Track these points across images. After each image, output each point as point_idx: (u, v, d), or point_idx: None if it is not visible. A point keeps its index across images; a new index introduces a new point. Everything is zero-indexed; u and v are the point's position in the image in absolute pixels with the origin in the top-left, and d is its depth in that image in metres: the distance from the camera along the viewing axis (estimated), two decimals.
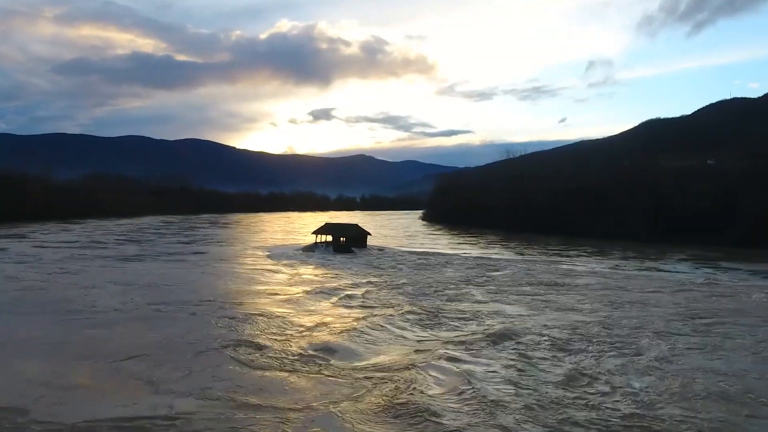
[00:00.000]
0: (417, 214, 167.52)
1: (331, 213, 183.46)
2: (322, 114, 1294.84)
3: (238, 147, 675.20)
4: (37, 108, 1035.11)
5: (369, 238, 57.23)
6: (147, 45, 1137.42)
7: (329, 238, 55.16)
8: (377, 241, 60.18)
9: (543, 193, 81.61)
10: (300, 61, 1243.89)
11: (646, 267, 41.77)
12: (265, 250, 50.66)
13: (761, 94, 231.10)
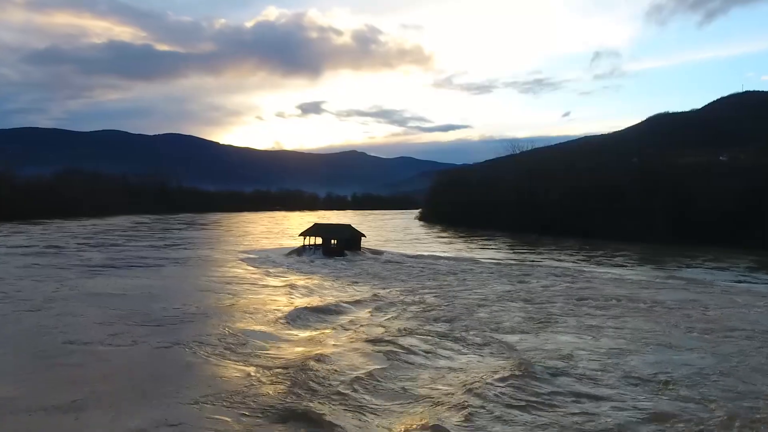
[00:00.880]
0: (413, 213, 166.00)
1: (321, 213, 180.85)
2: (311, 107, 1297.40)
3: (221, 142, 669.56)
4: (6, 100, 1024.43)
5: (363, 240, 54.06)
6: (124, 33, 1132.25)
7: (319, 240, 52.24)
8: (372, 244, 57.10)
9: (555, 191, 78.78)
10: (288, 52, 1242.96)
11: (709, 276, 37.78)
12: (246, 254, 47.17)
13: None
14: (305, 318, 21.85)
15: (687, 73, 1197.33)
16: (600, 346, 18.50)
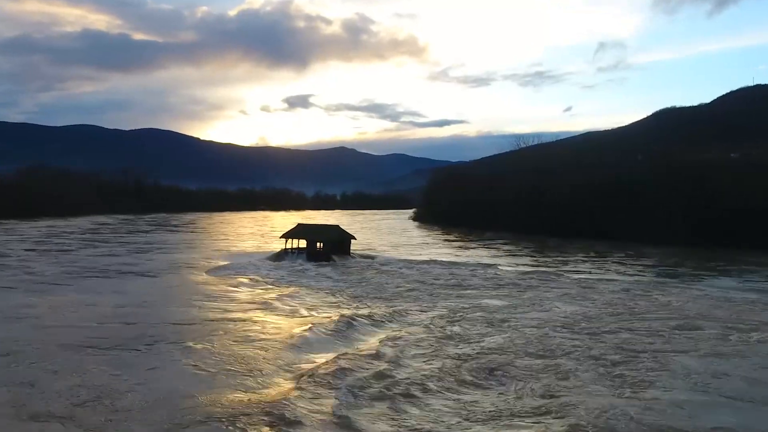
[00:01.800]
0: (406, 213, 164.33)
1: (308, 212, 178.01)
2: (298, 101, 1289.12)
3: (202, 138, 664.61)
4: None
5: (353, 242, 50.54)
6: (99, 21, 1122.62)
7: (303, 242, 48.83)
8: (363, 247, 53.70)
9: (564, 189, 75.94)
10: (274, 42, 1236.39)
11: None
12: (217, 260, 43.39)
13: None
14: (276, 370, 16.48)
15: (695, 66, 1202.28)
16: None
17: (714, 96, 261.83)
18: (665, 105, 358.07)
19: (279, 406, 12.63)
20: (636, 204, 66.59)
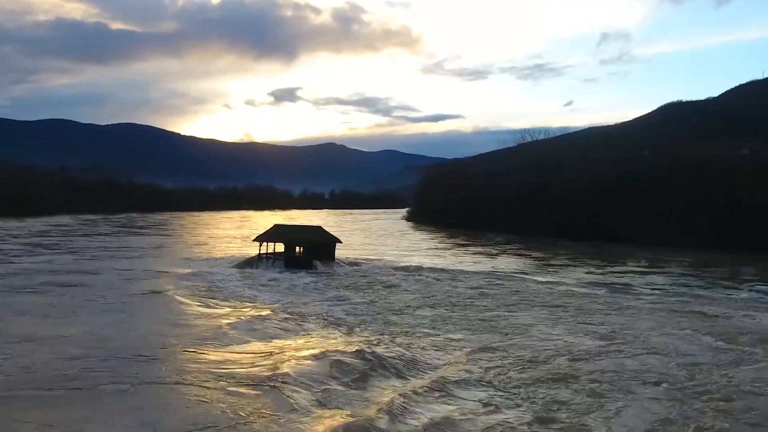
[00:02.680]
0: (399, 213, 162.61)
1: (294, 212, 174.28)
2: (285, 95, 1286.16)
3: (183, 133, 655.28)
4: None
5: (338, 246, 46.02)
6: (75, 10, 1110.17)
7: (280, 246, 44.25)
8: (350, 252, 49.37)
9: (571, 187, 72.56)
10: (260, 32, 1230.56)
11: None
12: (177, 267, 38.54)
13: None
14: None
15: (702, 58, 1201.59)
16: None
17: (722, 90, 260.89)
18: (671, 99, 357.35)
19: None
20: (656, 205, 63.88)
